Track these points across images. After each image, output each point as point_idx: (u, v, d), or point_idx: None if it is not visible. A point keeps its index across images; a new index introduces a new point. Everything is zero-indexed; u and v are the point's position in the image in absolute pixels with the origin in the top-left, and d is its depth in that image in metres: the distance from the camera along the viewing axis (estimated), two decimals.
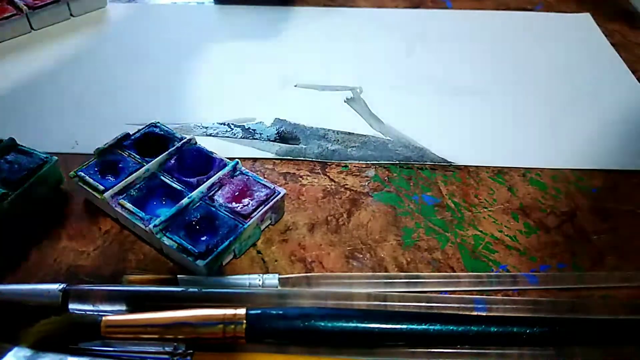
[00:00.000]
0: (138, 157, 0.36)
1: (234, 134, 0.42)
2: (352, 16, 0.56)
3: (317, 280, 0.31)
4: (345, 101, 0.45)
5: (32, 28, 0.51)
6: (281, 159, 0.40)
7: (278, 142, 0.41)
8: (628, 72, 0.49)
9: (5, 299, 0.28)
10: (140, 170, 0.34)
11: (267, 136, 0.41)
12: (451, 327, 0.27)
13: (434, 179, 0.38)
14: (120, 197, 0.33)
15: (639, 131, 0.43)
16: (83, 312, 0.28)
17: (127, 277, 0.31)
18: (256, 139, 0.41)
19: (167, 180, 0.34)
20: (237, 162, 0.35)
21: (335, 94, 0.46)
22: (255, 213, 0.32)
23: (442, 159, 0.40)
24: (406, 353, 0.27)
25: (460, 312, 0.29)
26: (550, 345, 0.28)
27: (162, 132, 0.38)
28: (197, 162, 0.36)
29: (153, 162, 0.35)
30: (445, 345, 0.28)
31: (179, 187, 0.34)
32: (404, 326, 0.27)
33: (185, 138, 0.37)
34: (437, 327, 0.27)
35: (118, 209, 0.33)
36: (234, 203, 0.33)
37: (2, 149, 0.35)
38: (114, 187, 0.33)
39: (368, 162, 0.40)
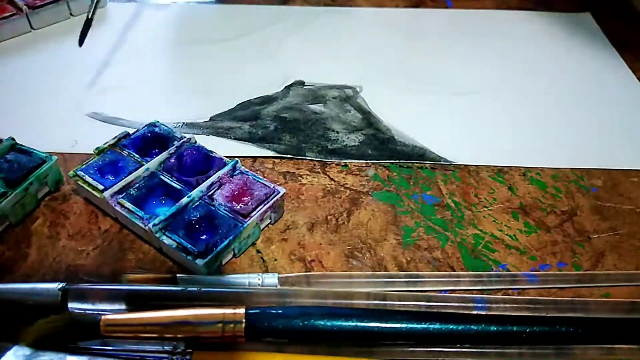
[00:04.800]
0: (137, 156, 0.36)
1: (234, 133, 0.41)
2: (352, 16, 0.56)
3: (317, 280, 0.31)
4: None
5: (32, 27, 0.51)
6: (281, 158, 0.40)
7: (277, 141, 0.41)
8: (628, 72, 0.49)
9: (5, 298, 0.28)
10: (140, 169, 0.34)
11: (267, 135, 0.41)
12: (451, 326, 0.27)
13: (434, 178, 0.38)
14: (120, 196, 0.33)
15: (639, 131, 0.43)
16: (82, 311, 0.28)
17: (127, 276, 0.31)
18: (256, 138, 0.41)
19: (166, 179, 0.34)
20: (237, 161, 0.35)
21: (335, 93, 0.46)
22: (254, 212, 0.32)
23: (442, 158, 0.40)
24: (406, 352, 0.27)
25: (460, 311, 0.29)
26: (550, 344, 0.28)
27: (161, 132, 0.38)
28: (196, 161, 0.36)
29: (152, 161, 0.35)
30: (445, 344, 0.27)
31: (178, 186, 0.34)
32: (404, 325, 0.27)
33: (185, 137, 0.37)
34: (437, 326, 0.27)
35: (117, 208, 0.33)
36: (233, 202, 0.33)
37: (2, 148, 0.35)
38: (114, 186, 0.33)
39: (368, 161, 0.40)
